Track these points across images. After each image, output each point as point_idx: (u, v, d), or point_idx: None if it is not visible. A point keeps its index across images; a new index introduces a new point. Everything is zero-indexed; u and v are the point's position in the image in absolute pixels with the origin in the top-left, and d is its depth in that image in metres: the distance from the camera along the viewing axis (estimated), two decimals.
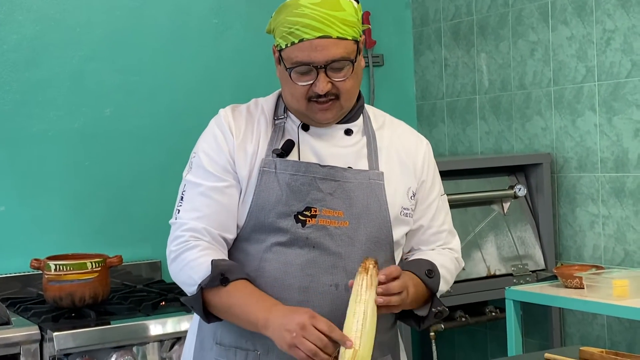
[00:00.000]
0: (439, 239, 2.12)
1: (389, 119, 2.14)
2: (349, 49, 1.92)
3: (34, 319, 2.86)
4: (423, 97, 4.27)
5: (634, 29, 3.29)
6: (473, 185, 3.61)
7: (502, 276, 3.53)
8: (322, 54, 1.89)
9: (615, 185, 3.41)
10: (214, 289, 1.89)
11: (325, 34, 1.89)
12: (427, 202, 2.09)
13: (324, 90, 1.91)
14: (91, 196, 3.48)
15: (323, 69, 1.90)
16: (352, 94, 1.98)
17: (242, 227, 1.97)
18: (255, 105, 2.06)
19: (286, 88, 1.98)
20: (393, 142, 2.07)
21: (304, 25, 1.89)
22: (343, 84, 1.93)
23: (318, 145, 2.00)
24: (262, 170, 1.96)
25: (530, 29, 3.70)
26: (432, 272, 2.01)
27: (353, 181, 1.98)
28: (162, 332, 2.84)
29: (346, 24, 1.91)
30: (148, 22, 3.62)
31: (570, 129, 3.57)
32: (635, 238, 3.34)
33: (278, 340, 1.81)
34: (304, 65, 1.90)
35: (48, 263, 2.92)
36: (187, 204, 1.98)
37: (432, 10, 4.16)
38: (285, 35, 1.92)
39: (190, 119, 3.49)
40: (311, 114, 1.96)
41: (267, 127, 2.02)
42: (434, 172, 2.12)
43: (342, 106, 1.97)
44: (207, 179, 1.97)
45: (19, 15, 3.39)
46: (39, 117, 3.41)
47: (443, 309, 2.03)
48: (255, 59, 3.81)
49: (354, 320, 1.80)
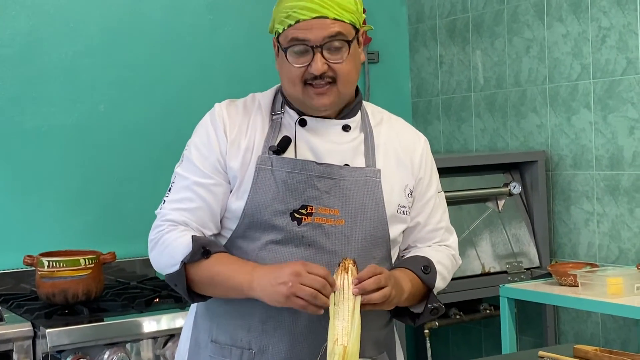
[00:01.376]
0: (436, 236, 2.11)
1: (387, 115, 2.12)
2: (346, 30, 1.91)
3: (26, 316, 2.85)
4: (418, 94, 4.26)
5: (629, 27, 3.29)
6: (468, 183, 3.61)
7: (497, 274, 3.53)
8: (319, 32, 1.88)
9: (610, 183, 3.41)
10: (195, 263, 1.90)
11: (322, 15, 1.89)
12: (424, 199, 2.08)
13: (320, 70, 1.89)
14: (85, 192, 3.47)
15: (319, 49, 1.89)
16: (350, 79, 1.95)
17: (237, 224, 1.96)
18: (252, 100, 2.05)
19: (283, 74, 1.96)
20: (391, 139, 2.06)
21: (300, 7, 1.89)
22: (340, 66, 1.91)
23: (315, 141, 1.98)
24: (258, 168, 1.95)
25: (526, 26, 3.70)
26: (428, 268, 2.01)
27: (349, 179, 1.97)
28: (156, 329, 2.83)
29: (343, 8, 1.91)
30: (143, 17, 3.61)
31: (565, 127, 3.57)
32: (629, 236, 3.34)
33: (272, 296, 1.81)
34: (300, 45, 1.89)
35: (41, 259, 2.91)
36: (172, 196, 1.99)
37: (428, 7, 4.15)
38: (283, 19, 1.91)
39: (185, 115, 3.48)
40: (307, 99, 1.94)
41: (264, 123, 2.00)
42: (431, 169, 2.11)
43: (339, 92, 1.94)
44: (194, 174, 1.97)
45: (13, 10, 3.37)
46: (33, 112, 3.39)
47: (439, 305, 2.02)
48: (249, 55, 3.80)
49: (339, 318, 1.79)
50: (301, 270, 1.79)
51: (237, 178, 1.95)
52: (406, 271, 1.98)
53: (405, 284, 1.94)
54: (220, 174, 1.96)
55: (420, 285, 2.00)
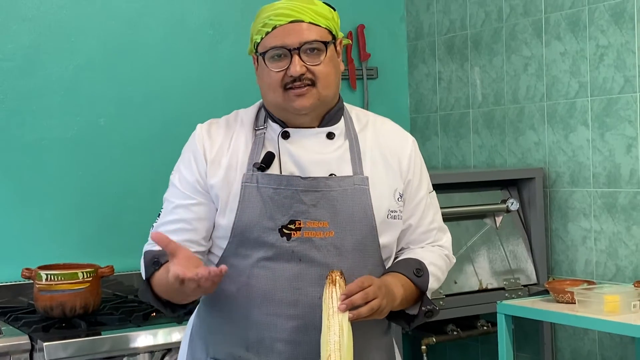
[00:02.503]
0: (429, 237, 2.10)
1: (372, 118, 2.11)
2: (322, 35, 1.94)
3: (24, 329, 2.85)
4: (417, 110, 4.28)
5: (627, 45, 3.31)
6: (466, 199, 3.62)
7: (494, 290, 3.53)
8: (295, 36, 1.91)
9: (608, 200, 3.42)
10: (155, 276, 1.91)
11: (298, 19, 1.92)
12: (415, 200, 2.06)
13: (298, 72, 1.91)
14: (83, 206, 3.48)
15: (297, 51, 1.91)
16: (329, 81, 1.96)
17: (228, 242, 1.96)
18: (235, 118, 2.06)
19: (264, 82, 1.98)
20: (377, 143, 2.04)
21: (276, 14, 1.93)
22: (318, 68, 1.93)
23: (299, 153, 1.98)
24: (244, 185, 1.95)
25: (524, 44, 3.72)
26: (420, 271, 2.00)
27: (337, 189, 1.96)
28: (153, 343, 2.83)
29: (319, 14, 1.95)
30: (143, 32, 3.62)
31: (562, 144, 3.58)
32: (627, 253, 3.35)
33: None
34: (278, 49, 1.92)
35: (39, 272, 2.92)
36: (160, 220, 2.03)
37: (427, 24, 4.18)
38: (260, 29, 1.96)
39: (184, 130, 3.41)
40: (288, 102, 1.95)
41: (247, 139, 2.01)
42: (420, 170, 2.09)
43: (319, 93, 1.95)
44: (176, 197, 2.00)
45: (14, 24, 3.39)
46: (33, 125, 3.41)
47: (433, 307, 2.01)
48: (249, 70, 3.74)
49: (330, 334, 1.79)
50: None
51: (220, 196, 1.96)
52: (398, 275, 1.98)
53: (397, 290, 1.94)
54: (200, 193, 1.98)
55: (413, 288, 1.99)
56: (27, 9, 3.41)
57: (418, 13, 4.21)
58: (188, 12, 3.72)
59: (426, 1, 4.17)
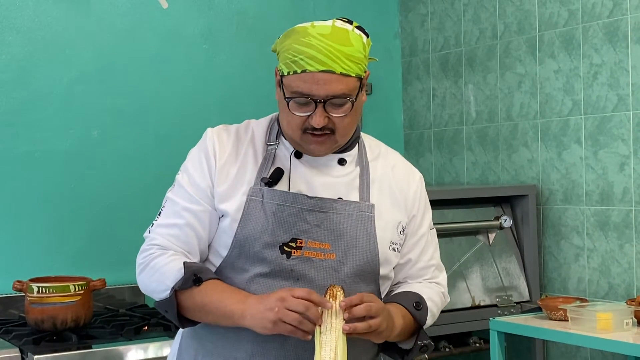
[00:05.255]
0: (427, 273, 2.10)
1: (384, 149, 2.11)
2: (350, 86, 1.89)
3: (15, 342, 2.83)
4: (411, 126, 4.28)
5: (620, 64, 3.32)
6: (459, 216, 3.62)
7: (487, 307, 3.52)
8: (323, 88, 1.86)
9: (600, 218, 3.42)
10: (187, 290, 1.89)
11: (329, 69, 1.86)
12: (416, 236, 2.07)
13: (320, 124, 1.89)
14: (75, 218, 3.47)
15: (322, 103, 1.87)
16: (348, 130, 1.95)
17: (227, 254, 1.95)
18: (246, 129, 2.04)
19: (283, 115, 1.96)
20: (386, 175, 2.05)
21: (308, 56, 1.86)
22: (340, 120, 1.90)
23: (310, 174, 1.98)
24: (249, 199, 1.94)
25: (518, 61, 3.73)
26: (420, 304, 2.00)
27: (342, 212, 1.95)
28: (144, 357, 2.82)
29: (351, 60, 1.89)
30: (138, 45, 3.63)
31: (556, 162, 3.59)
32: (619, 271, 3.35)
33: (260, 323, 1.81)
34: (303, 97, 1.88)
35: (31, 285, 2.90)
36: (161, 220, 1.99)
37: (421, 41, 4.19)
38: (289, 63, 1.89)
39: (177, 144, 3.47)
40: (305, 144, 1.95)
41: (257, 153, 2.00)
42: (424, 206, 2.10)
43: (336, 141, 1.94)
44: (184, 199, 1.97)
45: (9, 36, 3.39)
46: (26, 137, 3.40)
47: (429, 342, 2.01)
48: (243, 85, 3.82)
49: (326, 349, 1.78)
50: (286, 295, 1.80)
51: (224, 206, 1.95)
52: (398, 306, 1.97)
53: (398, 320, 1.94)
54: (209, 199, 1.96)
55: (412, 321, 1.99)
56: (22, 21, 3.41)
57: (412, 30, 4.23)
58: (183, 26, 3.73)
59: (421, 18, 4.18)
